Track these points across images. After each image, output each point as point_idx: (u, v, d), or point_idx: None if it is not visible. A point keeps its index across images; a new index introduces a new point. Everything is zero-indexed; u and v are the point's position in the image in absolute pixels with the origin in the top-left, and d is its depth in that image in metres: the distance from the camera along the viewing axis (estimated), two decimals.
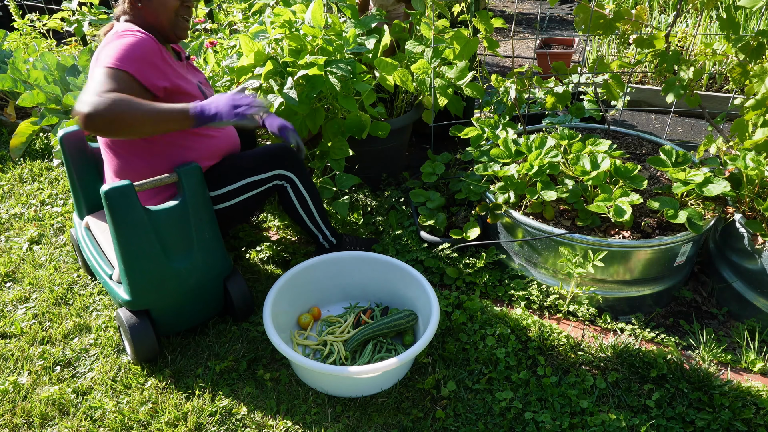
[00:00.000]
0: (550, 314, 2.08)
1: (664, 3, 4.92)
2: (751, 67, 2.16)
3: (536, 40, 3.98)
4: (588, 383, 1.77)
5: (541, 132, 2.46)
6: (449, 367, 1.84)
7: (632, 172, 2.05)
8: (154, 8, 1.77)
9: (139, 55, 1.64)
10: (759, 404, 1.67)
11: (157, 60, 1.70)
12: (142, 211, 1.70)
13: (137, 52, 1.64)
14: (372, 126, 2.43)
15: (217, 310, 2.01)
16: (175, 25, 1.80)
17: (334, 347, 1.88)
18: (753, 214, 2.06)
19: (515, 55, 5.14)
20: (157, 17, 1.78)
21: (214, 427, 1.67)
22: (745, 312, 2.01)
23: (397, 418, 1.68)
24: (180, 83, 1.78)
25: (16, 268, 2.38)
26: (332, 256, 2.06)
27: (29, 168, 3.18)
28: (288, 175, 2.01)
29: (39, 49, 3.78)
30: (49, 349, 1.96)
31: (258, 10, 3.12)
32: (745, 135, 2.15)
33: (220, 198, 1.94)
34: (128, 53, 1.62)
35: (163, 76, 1.72)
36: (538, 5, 5.45)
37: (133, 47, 1.64)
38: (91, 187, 2.10)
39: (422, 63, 2.48)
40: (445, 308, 2.02)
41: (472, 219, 2.33)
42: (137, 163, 1.82)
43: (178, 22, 1.81)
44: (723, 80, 3.81)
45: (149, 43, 1.69)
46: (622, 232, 1.97)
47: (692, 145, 3.31)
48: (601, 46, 4.48)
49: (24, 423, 1.70)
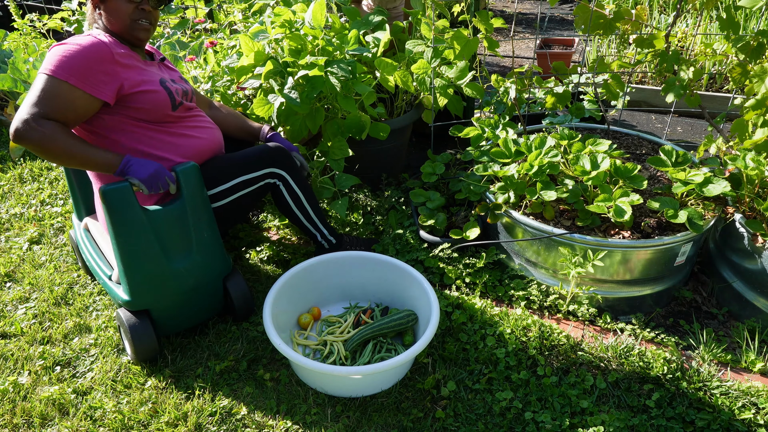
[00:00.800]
0: (550, 314, 2.08)
1: (664, 3, 4.92)
2: (751, 67, 2.16)
3: (536, 40, 3.98)
4: (588, 383, 1.77)
5: (541, 132, 2.46)
6: (449, 367, 1.84)
7: (632, 172, 2.04)
8: (109, 14, 1.79)
9: (79, 64, 1.63)
10: (759, 404, 1.67)
11: (105, 64, 1.69)
12: (141, 210, 1.70)
13: (77, 61, 1.63)
14: (372, 127, 2.43)
15: (216, 310, 2.01)
16: (132, 28, 1.81)
17: (334, 347, 1.88)
18: (753, 214, 2.06)
19: (515, 55, 5.14)
20: (113, 23, 1.80)
21: (214, 427, 1.67)
22: (745, 312, 2.01)
23: (397, 418, 1.68)
24: (140, 79, 1.77)
25: (16, 268, 2.38)
26: (332, 256, 2.06)
27: (29, 168, 3.18)
28: (280, 174, 2.02)
29: (39, 49, 3.78)
30: (49, 349, 1.96)
31: (258, 10, 3.12)
32: (745, 135, 2.15)
33: (214, 197, 1.95)
34: (69, 62, 1.62)
35: (113, 77, 1.70)
36: (538, 5, 5.45)
37: (75, 55, 1.63)
38: (90, 189, 2.11)
39: (422, 63, 2.48)
40: (445, 308, 2.02)
41: (472, 219, 2.33)
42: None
43: (134, 25, 1.82)
44: (723, 80, 3.81)
45: (96, 48, 1.68)
46: (622, 232, 1.97)
47: (692, 145, 3.31)
48: (601, 46, 4.48)
49: (24, 423, 1.70)
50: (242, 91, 2.52)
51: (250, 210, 2.19)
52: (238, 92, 2.54)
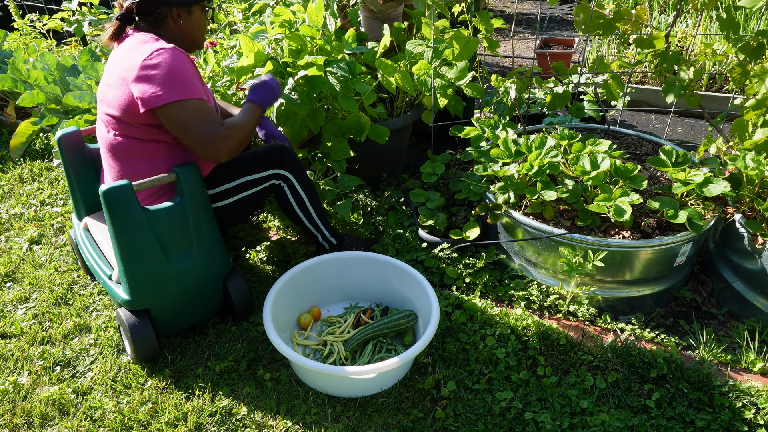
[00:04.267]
0: (550, 314, 2.08)
1: (664, 3, 4.92)
2: (751, 67, 2.16)
3: (536, 40, 3.98)
4: (588, 383, 1.77)
5: (541, 132, 2.46)
6: (449, 367, 1.84)
7: (632, 172, 2.04)
8: (191, 27, 1.86)
9: (196, 79, 1.76)
10: (759, 404, 1.67)
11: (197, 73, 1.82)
12: (141, 210, 1.70)
13: (195, 77, 1.76)
14: (371, 129, 2.42)
15: (216, 309, 2.01)
16: (203, 37, 1.94)
17: (334, 347, 1.88)
18: (753, 214, 2.06)
19: (515, 55, 5.14)
20: (191, 34, 1.88)
21: (214, 427, 1.67)
22: (745, 312, 2.01)
23: (397, 418, 1.68)
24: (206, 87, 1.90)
25: (16, 268, 2.38)
26: (332, 256, 2.06)
27: (29, 168, 3.18)
28: (285, 175, 2.02)
29: (39, 49, 3.78)
30: (49, 349, 1.96)
31: (258, 10, 3.12)
32: (745, 135, 2.15)
33: (217, 196, 1.95)
34: (190, 79, 1.72)
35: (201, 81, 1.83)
36: (538, 5, 5.45)
37: (192, 73, 1.74)
38: (90, 188, 2.10)
39: (422, 63, 2.48)
40: (445, 308, 2.02)
41: (472, 219, 2.33)
42: (140, 167, 1.82)
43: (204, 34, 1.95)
44: (723, 80, 3.81)
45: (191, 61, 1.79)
46: (622, 232, 1.97)
47: (692, 145, 3.31)
48: (601, 46, 4.48)
49: (24, 423, 1.70)
50: (242, 91, 2.52)
51: (252, 212, 2.18)
52: (238, 92, 2.54)
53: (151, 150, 1.80)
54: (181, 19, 1.82)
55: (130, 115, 1.73)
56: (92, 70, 3.13)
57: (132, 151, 1.80)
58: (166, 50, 1.69)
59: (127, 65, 1.70)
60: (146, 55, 1.67)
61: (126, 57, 1.72)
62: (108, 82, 1.78)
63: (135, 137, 1.78)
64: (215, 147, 1.72)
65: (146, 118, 1.72)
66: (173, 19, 1.81)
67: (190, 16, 1.84)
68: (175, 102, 1.67)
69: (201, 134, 1.70)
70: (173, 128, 1.71)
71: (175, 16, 1.81)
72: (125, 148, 1.80)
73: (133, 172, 1.81)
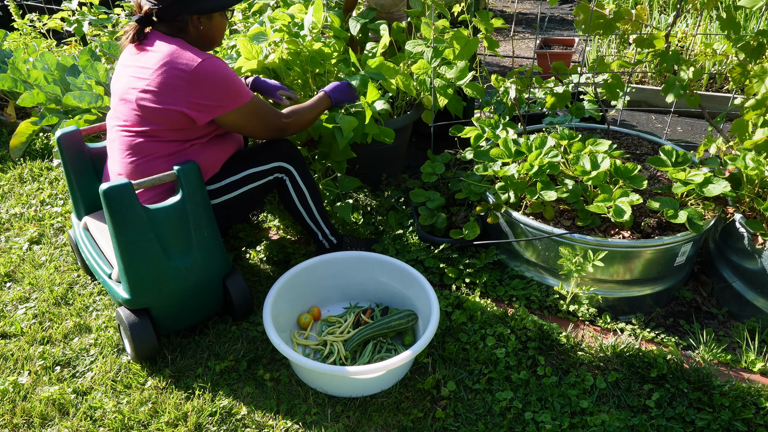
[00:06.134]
0: (550, 314, 2.08)
1: (664, 3, 4.92)
2: (751, 67, 2.15)
3: (536, 40, 3.98)
4: (588, 383, 1.77)
5: (541, 132, 2.46)
6: (449, 367, 1.84)
7: (632, 172, 2.04)
8: (212, 30, 1.88)
9: (240, 80, 1.86)
10: (759, 404, 1.67)
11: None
12: (141, 209, 1.70)
13: (239, 78, 1.86)
14: (375, 130, 2.41)
15: (216, 308, 2.01)
16: (221, 39, 1.99)
17: (334, 347, 1.88)
18: (753, 214, 2.06)
19: (515, 55, 5.14)
20: (212, 37, 1.91)
21: (214, 427, 1.67)
22: (745, 312, 2.01)
23: (397, 418, 1.68)
24: None
25: (16, 268, 2.38)
26: (332, 256, 2.06)
27: (29, 168, 3.18)
28: (287, 168, 2.03)
29: (39, 49, 3.78)
30: (49, 349, 1.96)
31: (258, 10, 3.12)
32: (745, 135, 2.15)
33: (222, 190, 1.95)
34: (239, 83, 1.83)
35: None
36: (538, 5, 5.45)
37: (236, 76, 1.84)
38: (89, 188, 2.10)
39: (422, 63, 2.48)
40: (445, 308, 2.02)
41: (472, 219, 2.33)
42: (158, 168, 1.82)
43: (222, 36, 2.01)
44: (723, 80, 3.81)
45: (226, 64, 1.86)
46: (622, 232, 1.97)
47: (692, 145, 3.31)
48: (601, 46, 4.48)
49: (24, 423, 1.70)
50: None
51: (254, 207, 2.19)
52: None
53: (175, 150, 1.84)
54: (202, 25, 1.83)
55: (173, 122, 1.77)
56: (92, 70, 3.13)
57: (149, 151, 1.82)
58: (209, 60, 1.75)
59: (175, 74, 1.72)
60: (192, 67, 1.72)
61: (167, 65, 1.73)
62: (143, 87, 1.75)
63: (166, 140, 1.81)
64: (280, 135, 1.99)
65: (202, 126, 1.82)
66: (194, 25, 1.82)
67: (211, 21, 1.85)
68: (235, 110, 1.81)
69: (265, 130, 1.94)
70: (237, 130, 1.92)
71: (195, 21, 1.82)
72: (144, 148, 1.81)
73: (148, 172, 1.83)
